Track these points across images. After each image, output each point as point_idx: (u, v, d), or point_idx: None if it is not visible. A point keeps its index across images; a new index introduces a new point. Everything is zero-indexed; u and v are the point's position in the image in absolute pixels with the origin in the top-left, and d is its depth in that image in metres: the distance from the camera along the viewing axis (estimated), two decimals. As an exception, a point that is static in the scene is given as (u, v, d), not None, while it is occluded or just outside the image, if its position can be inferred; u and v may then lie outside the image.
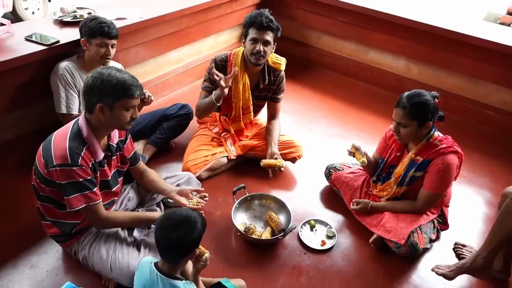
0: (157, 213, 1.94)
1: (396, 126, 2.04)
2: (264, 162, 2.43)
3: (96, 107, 1.63)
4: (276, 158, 2.43)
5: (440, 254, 2.21)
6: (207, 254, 1.61)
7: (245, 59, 2.42)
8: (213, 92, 2.38)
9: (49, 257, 2.02)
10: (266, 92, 2.59)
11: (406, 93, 2.03)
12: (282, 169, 2.41)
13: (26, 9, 6.13)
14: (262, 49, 2.31)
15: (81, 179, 1.64)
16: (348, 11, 3.61)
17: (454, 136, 3.16)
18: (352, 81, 3.90)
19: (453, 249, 2.23)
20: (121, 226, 1.90)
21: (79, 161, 1.62)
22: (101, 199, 1.75)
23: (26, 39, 2.38)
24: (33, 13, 6.07)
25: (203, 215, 1.82)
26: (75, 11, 2.72)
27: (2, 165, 2.44)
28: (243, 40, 2.40)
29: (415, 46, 3.46)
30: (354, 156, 2.25)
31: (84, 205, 1.68)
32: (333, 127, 3.23)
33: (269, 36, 2.32)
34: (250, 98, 2.51)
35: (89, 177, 1.67)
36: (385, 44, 3.64)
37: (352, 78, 3.92)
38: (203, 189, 2.17)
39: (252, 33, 2.32)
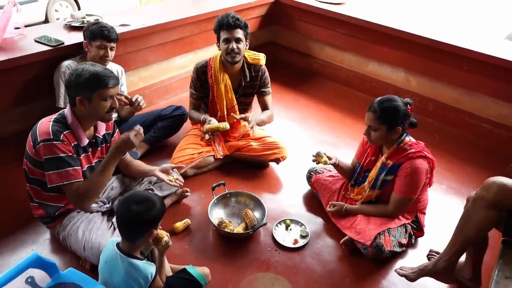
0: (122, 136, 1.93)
1: (367, 129, 2.11)
2: (207, 126, 2.51)
3: (76, 100, 1.80)
4: (246, 120, 2.57)
5: (415, 261, 2.21)
6: (166, 238, 1.70)
7: (223, 61, 2.57)
8: (203, 118, 2.61)
9: (37, 237, 2.19)
10: (251, 89, 2.73)
11: (379, 98, 2.10)
12: (226, 128, 2.52)
13: (57, 19, 6.61)
14: (235, 47, 2.47)
15: (62, 154, 1.77)
16: (348, 23, 3.70)
17: (450, 149, 3.17)
18: (352, 91, 3.96)
19: (427, 256, 2.23)
20: (95, 185, 1.87)
21: (61, 137, 1.77)
22: (82, 179, 1.85)
23: (35, 41, 2.63)
24: (63, 23, 6.51)
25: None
26: (84, 17, 2.96)
27: (7, 155, 2.67)
28: (218, 44, 2.55)
29: (413, 59, 3.50)
30: (318, 162, 2.32)
31: (64, 182, 1.78)
32: (325, 134, 3.29)
33: (239, 34, 2.48)
34: (234, 98, 2.64)
35: (70, 154, 1.80)
36: (384, 56, 3.69)
37: (352, 88, 3.99)
38: (183, 165, 2.28)
39: (223, 35, 2.49)
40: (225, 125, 2.52)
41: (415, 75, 3.59)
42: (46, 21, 6.40)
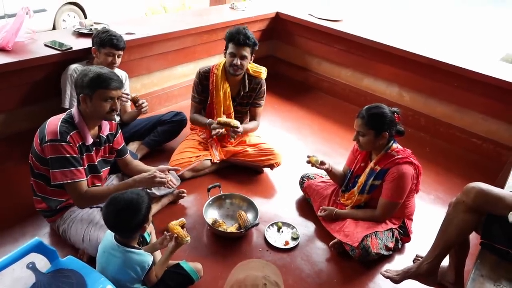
0: (147, 173, 2.08)
1: (356, 135, 2.22)
2: (219, 119, 2.62)
3: (80, 98, 1.92)
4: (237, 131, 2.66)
5: (401, 265, 2.27)
6: (188, 238, 1.83)
7: (225, 70, 2.70)
8: (210, 121, 2.73)
9: (37, 231, 2.28)
10: (248, 99, 2.85)
11: (367, 106, 2.21)
12: (238, 130, 2.63)
13: (65, 28, 6.79)
14: (239, 63, 2.60)
15: (67, 155, 1.88)
16: (345, 40, 3.86)
17: (440, 162, 3.28)
18: (347, 105, 4.09)
19: (413, 261, 2.30)
20: (103, 198, 1.95)
21: (67, 138, 1.88)
22: (85, 179, 1.97)
23: (45, 45, 2.77)
24: (70, 32, 6.69)
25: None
26: (91, 25, 3.11)
27: (12, 152, 2.77)
28: (224, 52, 2.69)
29: (407, 75, 3.64)
30: (312, 164, 2.41)
31: (68, 181, 1.89)
32: (318, 144, 3.41)
33: (246, 52, 2.61)
34: (231, 105, 2.76)
35: (75, 155, 1.92)
36: (379, 72, 3.83)
37: (347, 102, 4.11)
38: (179, 168, 2.38)
39: (231, 48, 2.62)
40: (236, 122, 2.62)
41: (408, 91, 3.72)
42: (54, 30, 6.58)
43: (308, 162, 2.43)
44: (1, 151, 2.75)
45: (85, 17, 6.89)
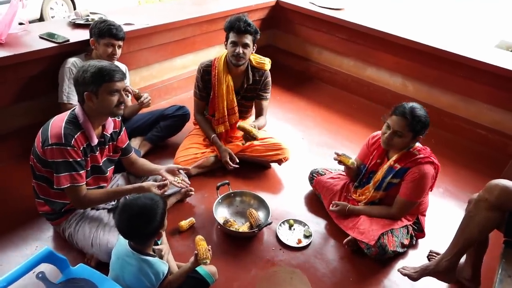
0: (146, 183, 2.02)
1: (391, 134, 2.08)
2: (240, 124, 2.51)
3: (85, 96, 1.81)
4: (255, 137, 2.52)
5: (415, 261, 2.26)
6: (207, 261, 1.74)
7: (227, 62, 2.60)
8: (214, 138, 2.71)
9: (40, 234, 2.18)
10: (252, 92, 2.74)
11: (409, 104, 2.09)
12: (256, 138, 2.50)
13: (52, 17, 6.55)
14: (241, 51, 2.49)
15: (70, 159, 1.79)
16: (347, 29, 3.76)
17: (446, 153, 3.25)
18: (350, 95, 4.02)
19: (427, 256, 2.28)
20: (102, 201, 2.00)
21: (72, 142, 1.78)
22: (84, 182, 1.88)
23: (40, 37, 2.62)
24: (58, 20, 6.44)
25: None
26: (88, 15, 2.96)
27: (9, 150, 2.65)
28: (225, 43, 2.58)
29: (411, 65, 3.57)
30: (343, 163, 2.32)
31: (68, 185, 1.81)
32: (323, 137, 3.34)
33: (248, 39, 2.50)
34: (234, 99, 2.66)
35: (78, 159, 1.82)
36: (382, 61, 3.76)
37: (350, 93, 4.04)
38: (189, 167, 2.30)
39: (232, 37, 2.51)
40: (257, 133, 2.49)
41: (412, 81, 3.67)
42: (41, 18, 6.33)
43: (336, 159, 2.32)
44: (-3, 150, 2.62)
45: (74, 5, 6.65)
